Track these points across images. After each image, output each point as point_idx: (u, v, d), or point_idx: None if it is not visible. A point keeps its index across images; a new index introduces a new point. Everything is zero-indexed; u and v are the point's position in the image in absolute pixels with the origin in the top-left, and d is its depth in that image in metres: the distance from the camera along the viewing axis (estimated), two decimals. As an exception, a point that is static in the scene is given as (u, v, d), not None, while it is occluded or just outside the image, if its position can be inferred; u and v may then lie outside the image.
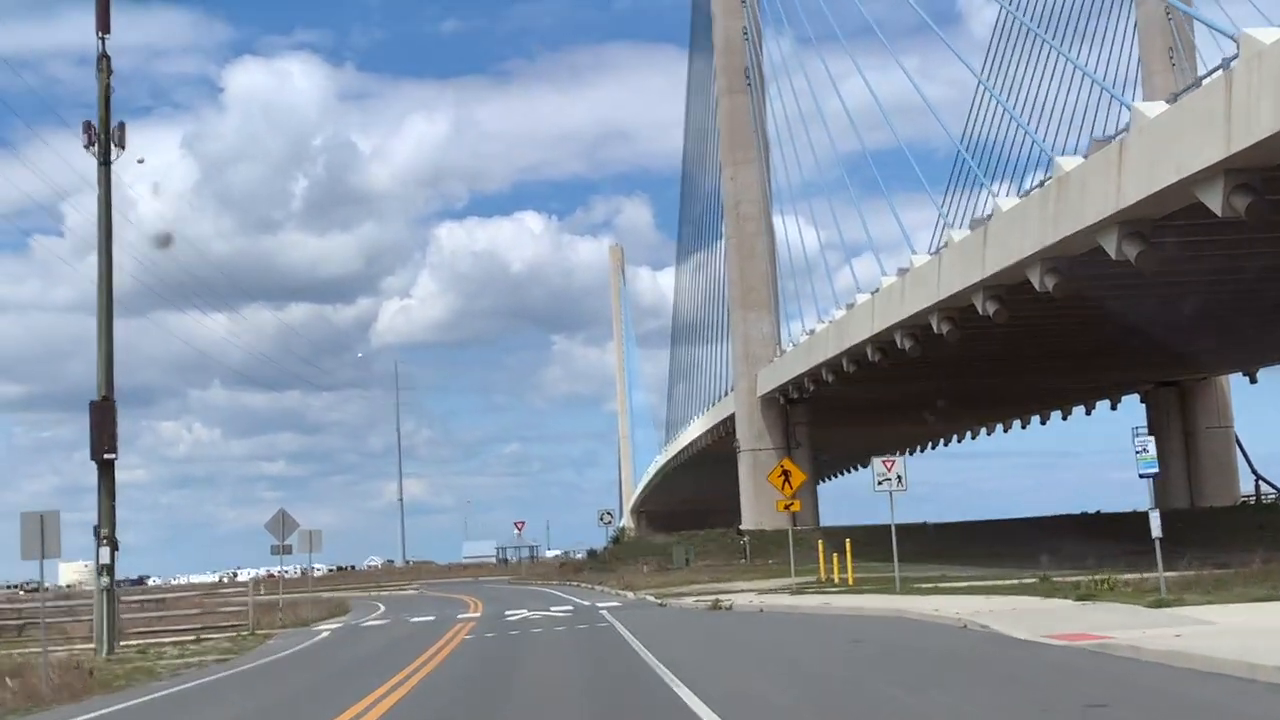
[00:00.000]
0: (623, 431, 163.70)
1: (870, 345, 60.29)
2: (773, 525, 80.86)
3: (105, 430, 34.79)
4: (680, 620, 31.95)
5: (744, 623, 29.19)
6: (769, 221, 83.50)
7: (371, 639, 33.30)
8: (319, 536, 47.19)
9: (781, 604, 32.91)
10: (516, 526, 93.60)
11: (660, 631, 28.12)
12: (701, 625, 29.63)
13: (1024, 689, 15.20)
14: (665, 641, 24.91)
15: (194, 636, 37.78)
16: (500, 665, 22.75)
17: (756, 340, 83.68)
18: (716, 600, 35.04)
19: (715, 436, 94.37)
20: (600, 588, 57.02)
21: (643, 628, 28.98)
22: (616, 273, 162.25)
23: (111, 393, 35.34)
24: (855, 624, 25.86)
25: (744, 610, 32.81)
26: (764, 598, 36.09)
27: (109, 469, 35.13)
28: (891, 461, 33.13)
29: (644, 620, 32.07)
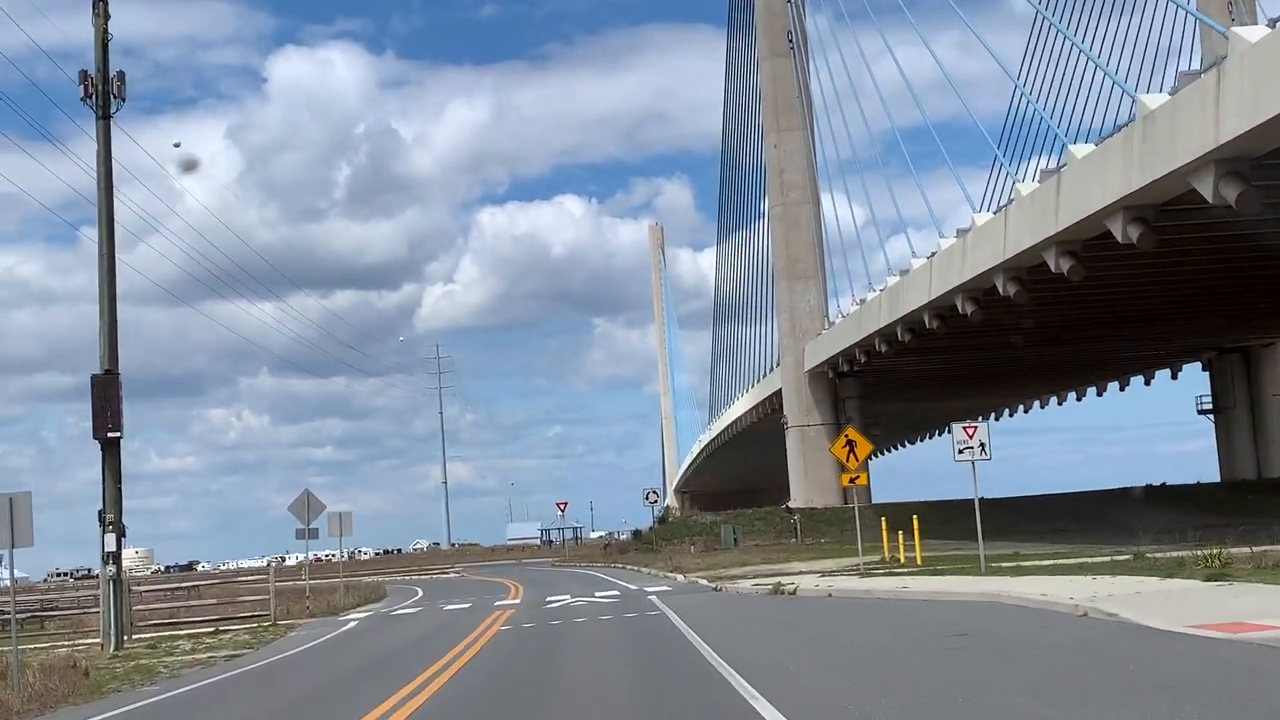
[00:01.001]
0: (665, 412, 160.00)
1: (928, 312, 56.33)
2: (824, 503, 77.07)
3: (109, 406, 31.37)
4: (739, 608, 28.18)
5: (814, 610, 25.37)
6: (814, 189, 79.56)
7: (397, 632, 29.72)
8: (349, 519, 43.63)
9: (851, 587, 29.07)
10: (559, 508, 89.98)
11: (719, 622, 24.39)
12: (765, 613, 25.83)
13: (1215, 703, 11.37)
14: (727, 635, 21.18)
15: (213, 629, 34.39)
16: (535, 669, 19.05)
17: (803, 313, 79.75)
18: (778, 584, 31.24)
19: (761, 413, 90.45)
20: (647, 570, 53.31)
21: (699, 617, 25.26)
22: (656, 252, 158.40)
23: (115, 366, 31.89)
24: (947, 611, 22.00)
25: (810, 595, 29.02)
26: (829, 580, 32.27)
27: (114, 448, 31.71)
28: (973, 428, 29.24)
29: (699, 608, 28.35)
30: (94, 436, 31.43)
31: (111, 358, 31.76)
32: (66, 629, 38.41)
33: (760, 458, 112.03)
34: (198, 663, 26.27)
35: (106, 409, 31.29)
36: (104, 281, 32.06)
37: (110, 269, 32.18)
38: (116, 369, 31.83)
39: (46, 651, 31.65)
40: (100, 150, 32.20)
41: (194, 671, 24.47)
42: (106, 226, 32.26)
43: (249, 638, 31.53)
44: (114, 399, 31.40)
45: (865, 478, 35.89)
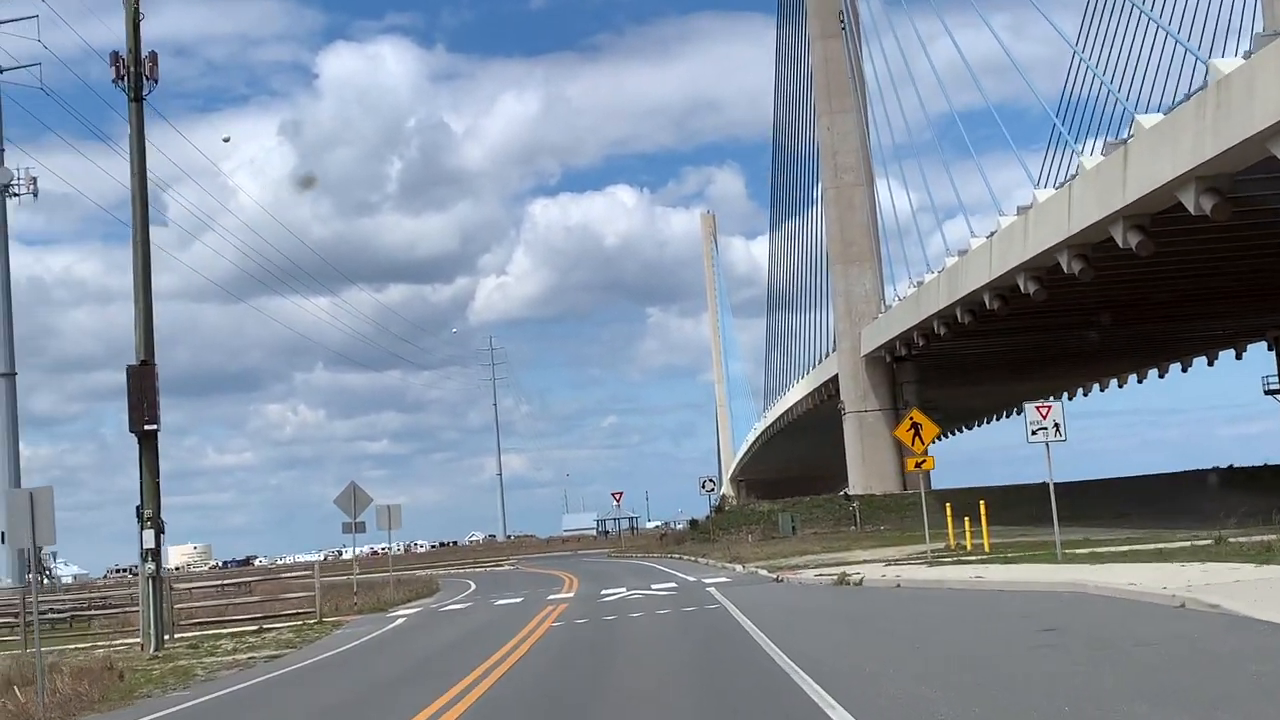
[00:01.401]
0: (720, 400, 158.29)
1: (988, 292, 54.42)
2: (882, 489, 75.26)
3: (145, 398, 30.14)
4: (804, 600, 26.55)
5: (883, 603, 23.71)
6: (868, 171, 77.70)
7: (444, 630, 28.32)
8: (397, 512, 42.28)
9: (920, 577, 27.36)
10: (614, 498, 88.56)
11: (783, 616, 22.79)
12: (831, 606, 24.20)
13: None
14: (793, 631, 19.60)
15: (257, 627, 33.15)
16: (586, 672, 17.53)
17: (858, 297, 77.93)
18: (842, 574, 29.57)
19: (816, 400, 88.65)
20: (704, 560, 51.72)
21: (761, 610, 23.68)
22: (709, 239, 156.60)
23: (151, 356, 30.66)
24: (1028, 603, 20.29)
25: (877, 586, 27.35)
26: (895, 570, 30.57)
27: (151, 442, 30.48)
28: (1047, 407, 27.41)
29: (760, 600, 26.76)
30: (130, 429, 30.23)
31: (147, 348, 30.54)
32: (111, 628, 37.33)
33: (816, 445, 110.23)
34: (237, 664, 25.01)
35: (143, 401, 30.08)
36: (138, 269, 30.85)
37: (145, 256, 30.96)
38: (153, 359, 30.62)
39: (86, 652, 30.57)
40: (133, 134, 30.97)
41: (231, 674, 23.19)
42: (140, 213, 31.04)
43: (293, 636, 30.27)
44: (150, 390, 30.18)
45: (931, 462, 34.14)
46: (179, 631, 33.41)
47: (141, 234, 30.99)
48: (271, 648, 27.90)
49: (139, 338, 30.66)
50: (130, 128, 30.95)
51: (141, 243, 30.96)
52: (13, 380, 78.96)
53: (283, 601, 35.94)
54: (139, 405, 30.10)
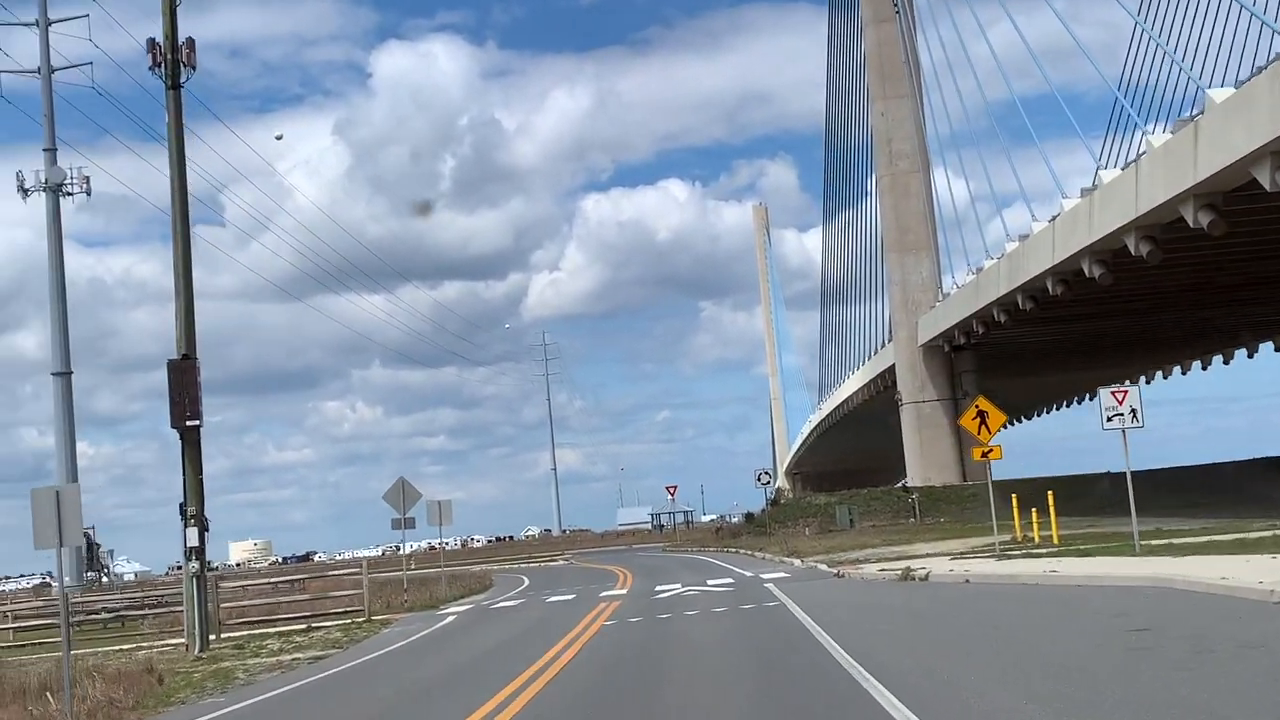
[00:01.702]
0: (774, 393, 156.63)
1: (1051, 277, 52.73)
2: (941, 480, 73.61)
3: (187, 393, 29.26)
4: (867, 597, 25.21)
5: (953, 600, 22.35)
6: (924, 157, 75.96)
7: (492, 629, 27.22)
8: (448, 507, 41.26)
9: (989, 571, 25.98)
10: (669, 491, 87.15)
11: (847, 614, 21.49)
12: (898, 604, 22.86)
13: None
14: (859, 631, 18.31)
15: (305, 625, 32.23)
16: (638, 678, 16.32)
17: (915, 285, 76.27)
18: (907, 568, 28.20)
19: (872, 391, 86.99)
20: (761, 554, 50.42)
21: (822, 608, 22.39)
22: (761, 231, 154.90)
23: (193, 350, 29.78)
24: (1111, 600, 18.90)
25: (944, 581, 25.98)
26: (962, 564, 29.16)
27: (193, 438, 29.60)
28: (1123, 392, 25.97)
29: (822, 597, 25.47)
30: (171, 425, 29.35)
31: (188, 342, 29.66)
32: (160, 627, 36.60)
33: (872, 437, 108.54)
34: (280, 666, 24.05)
35: (184, 396, 29.20)
36: (178, 261, 29.97)
37: (185, 248, 30.07)
38: (194, 354, 29.73)
39: (130, 654, 29.79)
40: (171, 122, 30.07)
41: (272, 677, 22.21)
42: (180, 203, 30.16)
43: (340, 635, 29.31)
44: (192, 386, 29.30)
45: (999, 451, 32.67)
46: (226, 631, 32.58)
47: (181, 225, 30.12)
48: (318, 648, 26.96)
49: (180, 331, 29.80)
50: (168, 115, 30.05)
51: (181, 234, 30.09)
52: (68, 379, 78.75)
53: (331, 600, 35.01)
54: (180, 400, 29.22)
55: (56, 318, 78.82)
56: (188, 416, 29.20)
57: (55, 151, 79.58)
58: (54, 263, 79.39)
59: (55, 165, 79.11)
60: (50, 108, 79.24)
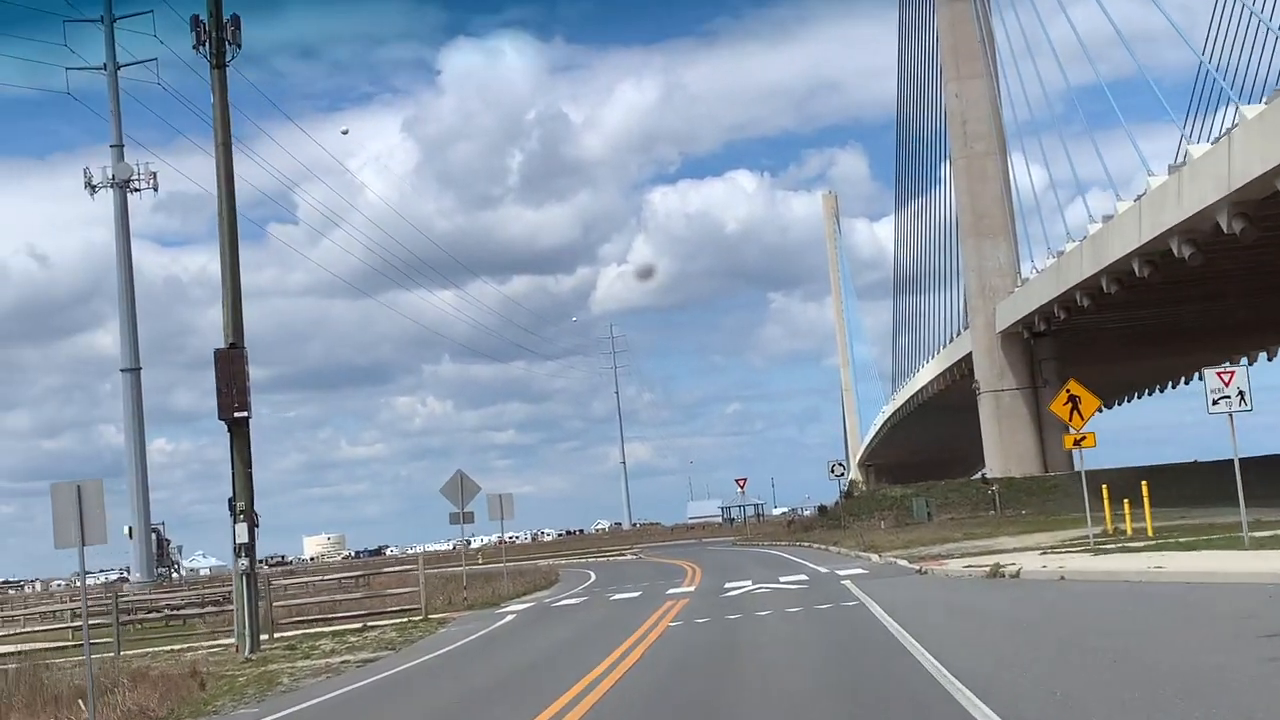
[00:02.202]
0: (845, 384, 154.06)
1: (1137, 258, 50.31)
2: (1021, 471, 71.14)
3: (235, 383, 27.85)
4: (955, 596, 23.23)
5: (1052, 600, 20.31)
6: (1001, 139, 73.40)
7: (552, 629, 25.56)
8: (509, 501, 39.62)
9: (1086, 568, 23.93)
10: (738, 484, 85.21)
11: (934, 616, 19.56)
12: (991, 605, 20.87)
13: None
14: (951, 637, 16.42)
15: (360, 625, 30.78)
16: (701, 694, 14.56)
17: (992, 271, 73.76)
18: (995, 565, 26.18)
19: (948, 380, 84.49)
20: (836, 549, 48.43)
21: (907, 609, 20.50)
22: (831, 221, 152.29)
23: (241, 339, 28.36)
24: (1233, 601, 16.86)
25: (1038, 579, 23.96)
26: (1055, 560, 27.07)
27: (241, 430, 28.20)
28: (1230, 373, 23.83)
29: (904, 596, 23.55)
30: (219, 417, 27.97)
31: (235, 330, 28.25)
32: (216, 625, 35.36)
33: (947, 427, 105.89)
34: (329, 669, 22.55)
35: (232, 386, 27.79)
36: (225, 247, 28.59)
37: (231, 233, 28.68)
38: (242, 343, 28.31)
39: (179, 655, 28.51)
40: (216, 102, 28.66)
41: (316, 683, 20.70)
42: (226, 187, 28.77)
43: (395, 635, 27.79)
44: (240, 375, 27.89)
45: (1092, 439, 30.51)
46: (281, 630, 31.23)
47: (227, 210, 28.73)
48: (370, 649, 25.47)
49: (226, 319, 28.41)
50: (213, 95, 28.65)
51: (227, 219, 28.70)
52: (137, 375, 78.35)
53: (388, 598, 33.53)
54: (228, 391, 27.82)
55: (125, 314, 78.42)
56: (236, 407, 27.80)
57: (122, 148, 79.13)
58: (122, 259, 79.02)
59: (122, 162, 78.71)
60: (116, 104, 78.79)
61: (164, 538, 79.44)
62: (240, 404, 27.80)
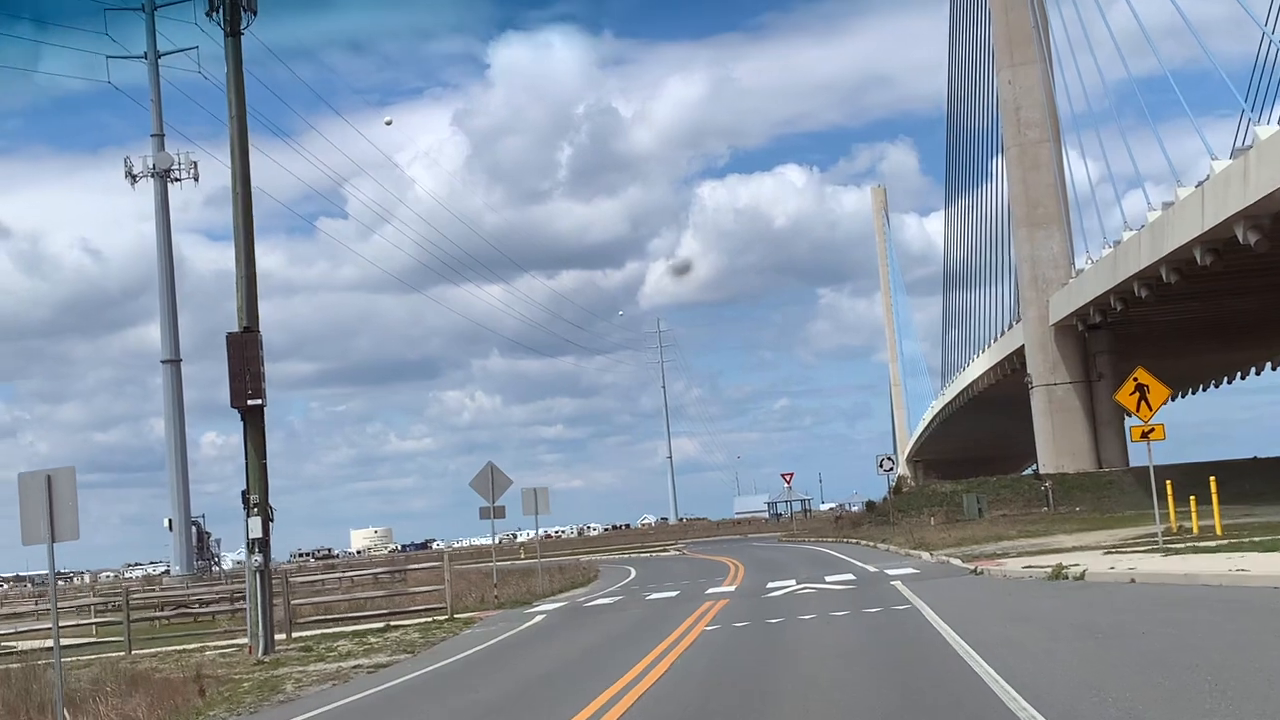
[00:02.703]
0: (894, 379, 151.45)
1: (1199, 246, 47.83)
2: (1075, 467, 68.64)
3: (248, 368, 26.17)
4: (1018, 601, 21.07)
5: (1125, 606, 18.16)
6: (1055, 127, 70.84)
7: (581, 632, 23.68)
8: (544, 495, 37.75)
9: (1158, 570, 21.79)
10: (784, 479, 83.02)
11: (997, 624, 17.46)
12: (1057, 611, 18.73)
13: None
14: (1017, 649, 14.39)
15: (383, 624, 29.06)
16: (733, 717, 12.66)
17: (1045, 262, 71.22)
18: (1058, 566, 24.06)
19: (999, 375, 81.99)
20: (885, 546, 46.33)
21: (967, 617, 18.46)
22: (880, 214, 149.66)
23: (255, 323, 26.69)
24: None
25: (1106, 581, 21.88)
26: (1122, 560, 24.93)
27: (255, 418, 26.51)
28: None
29: (960, 599, 21.54)
30: (232, 404, 26.27)
31: (250, 313, 26.57)
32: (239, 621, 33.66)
33: (998, 422, 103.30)
34: (338, 675, 20.79)
35: (245, 372, 26.11)
36: (239, 224, 26.91)
37: (246, 210, 27.00)
38: (256, 326, 26.64)
39: (188, 657, 26.89)
40: (230, 72, 26.99)
41: (319, 691, 18.96)
42: (240, 163, 27.08)
43: (417, 637, 26.02)
44: (254, 360, 26.21)
45: (1161, 430, 28.31)
46: (302, 628, 29.57)
47: (241, 186, 27.03)
48: (389, 651, 23.71)
49: (240, 301, 26.72)
50: (226, 65, 26.98)
51: (241, 195, 27.01)
52: (177, 367, 77.31)
53: (415, 596, 31.75)
54: (241, 376, 26.13)
55: (166, 305, 77.36)
56: (249, 395, 26.11)
57: (163, 138, 77.93)
58: (163, 250, 77.98)
59: (163, 151, 77.55)
60: (157, 93, 77.43)
61: (204, 530, 78.19)
62: (254, 391, 26.11)
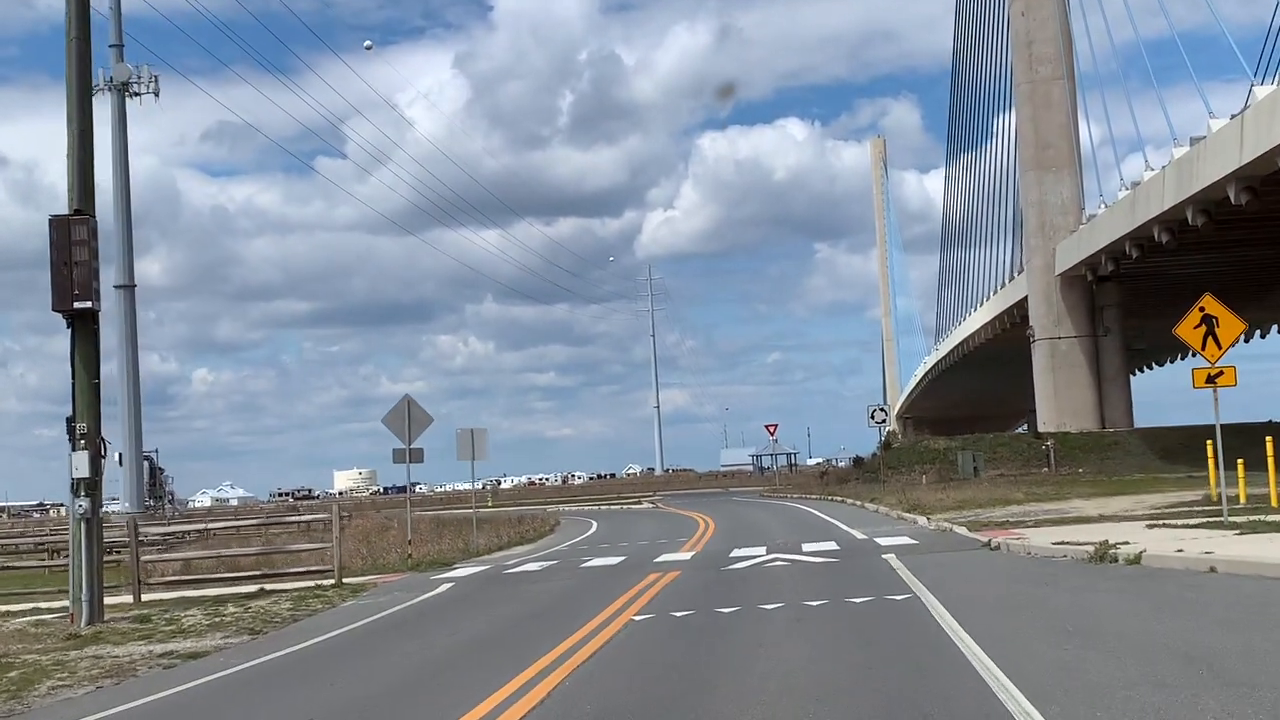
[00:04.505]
0: (886, 333, 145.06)
1: (1234, 183, 41.62)
2: (1077, 426, 62.51)
3: (74, 262, 19.93)
4: (1062, 595, 14.51)
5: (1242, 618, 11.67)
6: (1069, 63, 64.35)
7: (476, 613, 17.43)
8: (482, 439, 31.37)
9: (1244, 556, 15.53)
10: (768, 430, 76.89)
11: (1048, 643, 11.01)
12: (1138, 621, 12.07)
13: None
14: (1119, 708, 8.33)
15: (257, 587, 22.94)
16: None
17: (1054, 207, 64.88)
18: (1104, 544, 17.85)
19: (998, 329, 75.77)
20: (874, 506, 40.28)
21: (996, 623, 12.31)
22: (878, 165, 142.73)
23: (90, 205, 20.45)
24: None
25: (1172, 568, 15.76)
26: (1182, 537, 18.74)
27: (87, 326, 20.27)
28: None
29: (981, 590, 15.40)
30: (54, 307, 19.98)
31: (83, 193, 20.25)
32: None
33: (991, 380, 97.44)
34: (139, 664, 14.92)
35: (71, 266, 19.86)
36: (72, 81, 20.48)
37: (81, 64, 20.61)
38: (91, 209, 20.38)
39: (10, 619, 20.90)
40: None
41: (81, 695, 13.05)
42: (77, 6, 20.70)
43: (286, 608, 19.95)
44: (85, 251, 19.94)
45: (1232, 374, 22.12)
46: (159, 590, 23.49)
47: (77, 36, 20.66)
48: (229, 630, 17.71)
49: (71, 178, 20.38)
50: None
51: (76, 50, 20.62)
52: (131, 292, 71.03)
53: (298, 556, 25.54)
54: (66, 272, 19.86)
55: (121, 226, 70.82)
56: (76, 295, 19.87)
57: (122, 48, 71.28)
58: (118, 168, 71.24)
59: (121, 63, 71.01)
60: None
61: (157, 466, 72.15)
62: (83, 290, 19.87)
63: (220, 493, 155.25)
